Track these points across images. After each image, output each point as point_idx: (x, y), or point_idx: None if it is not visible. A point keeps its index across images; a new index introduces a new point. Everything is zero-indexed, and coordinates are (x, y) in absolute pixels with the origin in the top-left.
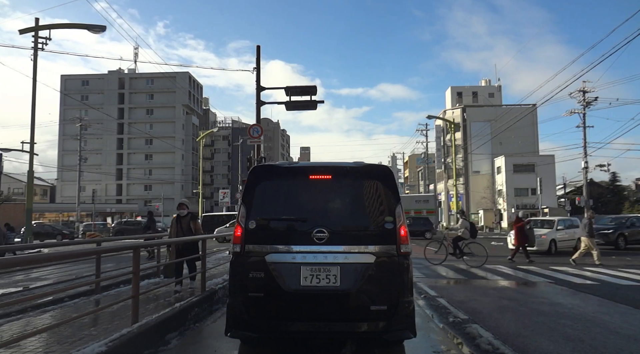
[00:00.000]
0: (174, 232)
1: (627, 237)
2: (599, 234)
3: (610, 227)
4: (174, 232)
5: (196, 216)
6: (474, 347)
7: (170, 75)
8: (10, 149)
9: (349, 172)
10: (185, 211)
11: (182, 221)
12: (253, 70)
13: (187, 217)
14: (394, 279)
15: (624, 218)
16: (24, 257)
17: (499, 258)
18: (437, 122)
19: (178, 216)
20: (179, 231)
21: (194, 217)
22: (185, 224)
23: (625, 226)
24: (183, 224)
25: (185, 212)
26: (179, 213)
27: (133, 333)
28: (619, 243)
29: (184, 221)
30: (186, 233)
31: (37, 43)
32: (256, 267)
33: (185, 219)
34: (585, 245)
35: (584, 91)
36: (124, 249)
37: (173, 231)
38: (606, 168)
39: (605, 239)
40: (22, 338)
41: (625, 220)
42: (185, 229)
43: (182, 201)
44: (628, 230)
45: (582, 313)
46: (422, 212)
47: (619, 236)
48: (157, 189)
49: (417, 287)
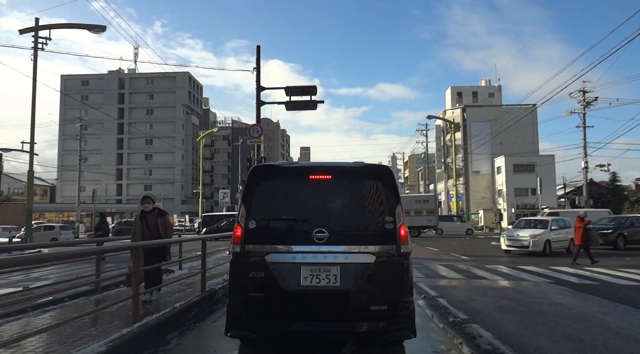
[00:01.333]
0: (138, 231)
1: (627, 237)
2: (598, 234)
3: (609, 228)
4: (138, 232)
5: (164, 212)
6: (474, 347)
7: (170, 76)
8: (10, 149)
9: (349, 172)
10: (150, 205)
11: (148, 218)
12: (253, 70)
13: (153, 213)
14: (394, 279)
15: (623, 218)
16: (24, 257)
17: (498, 258)
18: (437, 122)
19: (142, 211)
20: (144, 229)
21: (162, 213)
22: (151, 221)
23: (625, 226)
24: (149, 221)
25: (150, 207)
26: (143, 208)
27: (133, 333)
28: (619, 243)
29: (150, 217)
30: (153, 232)
31: (37, 43)
32: (256, 267)
33: (151, 215)
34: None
35: (584, 91)
36: (124, 249)
37: (137, 230)
38: (606, 168)
39: (605, 239)
40: (22, 338)
41: (624, 220)
42: (152, 227)
43: (147, 193)
44: (627, 230)
45: (582, 313)
46: (422, 212)
47: (618, 236)
48: (157, 189)
49: (417, 287)
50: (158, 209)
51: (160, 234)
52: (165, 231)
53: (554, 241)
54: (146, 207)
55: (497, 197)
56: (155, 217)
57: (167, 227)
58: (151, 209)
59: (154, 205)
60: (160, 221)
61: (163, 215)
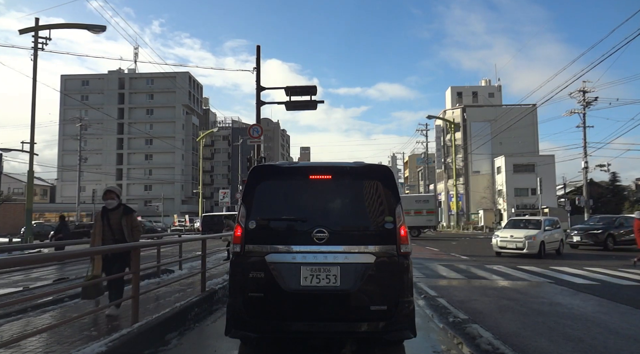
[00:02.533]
0: (98, 232)
1: (616, 237)
2: (588, 235)
3: (599, 228)
4: (98, 232)
5: (131, 210)
6: (474, 347)
7: (171, 76)
8: (10, 149)
9: (349, 172)
10: (115, 201)
11: (111, 216)
12: (253, 70)
13: (117, 211)
14: (394, 279)
15: (612, 218)
16: (24, 257)
17: (498, 258)
18: (437, 122)
19: (104, 208)
20: (105, 229)
21: (129, 210)
22: (114, 219)
23: (614, 226)
24: (112, 220)
25: (115, 203)
26: (105, 204)
27: (133, 333)
28: (608, 244)
29: (114, 215)
30: (116, 234)
31: (37, 43)
32: (256, 267)
33: (115, 213)
34: None
35: (584, 91)
36: (123, 249)
37: (97, 231)
38: (606, 168)
39: (595, 240)
40: (22, 338)
41: (614, 220)
42: (115, 228)
43: (110, 187)
44: (616, 230)
45: (582, 313)
46: (422, 212)
47: (608, 237)
48: (157, 189)
49: (417, 287)
50: (124, 206)
51: (124, 236)
52: (131, 233)
53: (547, 242)
54: (109, 203)
55: (497, 197)
56: (119, 215)
57: (133, 227)
58: (115, 206)
59: (118, 201)
60: (126, 220)
61: (129, 213)
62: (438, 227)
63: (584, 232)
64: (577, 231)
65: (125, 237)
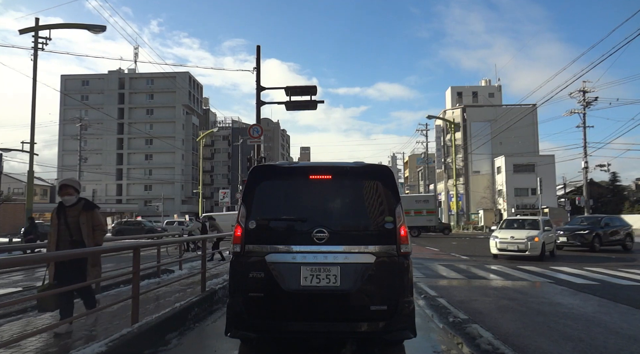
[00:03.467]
0: (53, 232)
1: (602, 238)
2: (574, 235)
3: (585, 228)
4: (53, 233)
5: (93, 205)
6: (474, 347)
7: (171, 76)
8: (10, 149)
9: (349, 172)
10: (73, 197)
11: (69, 213)
12: (253, 70)
13: (76, 207)
14: (394, 279)
15: (597, 218)
16: (24, 257)
17: (498, 258)
18: (437, 122)
19: (61, 204)
20: (62, 229)
21: (89, 206)
22: (72, 217)
23: (600, 227)
24: (69, 217)
25: (73, 199)
26: (62, 201)
27: (133, 333)
28: (595, 245)
29: (72, 212)
30: (74, 233)
31: (37, 43)
32: (256, 267)
33: (73, 210)
34: None
35: (584, 90)
36: (124, 249)
37: (53, 231)
38: (606, 168)
39: (582, 240)
40: (22, 338)
41: (599, 220)
42: (72, 227)
43: (66, 180)
44: (602, 230)
45: (582, 313)
46: (422, 212)
47: (595, 237)
48: (157, 189)
49: (417, 287)
50: (85, 201)
51: (81, 235)
52: (91, 232)
53: (547, 243)
54: (66, 200)
55: (497, 197)
56: (78, 212)
57: (95, 226)
58: (74, 202)
59: (78, 196)
60: (86, 217)
61: (90, 209)
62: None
63: (570, 232)
64: (563, 231)
65: (84, 238)
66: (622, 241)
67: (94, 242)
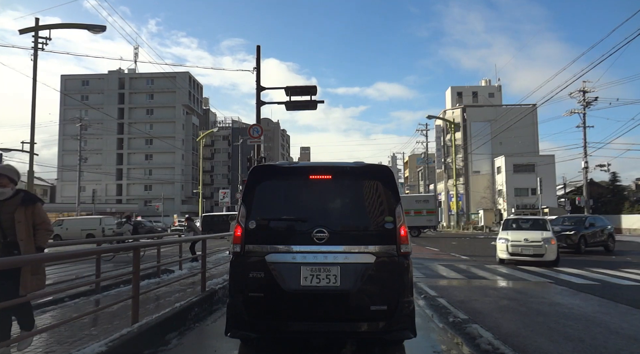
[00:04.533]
0: None
1: (587, 239)
2: (560, 236)
3: (570, 229)
4: None
5: (35, 199)
6: (474, 347)
7: (171, 75)
8: (10, 149)
9: (349, 172)
10: (8, 188)
11: (3, 209)
12: (253, 70)
13: (14, 201)
14: (394, 279)
15: (581, 218)
16: (24, 258)
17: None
18: (437, 122)
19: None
20: None
21: (31, 199)
22: (6, 214)
23: (584, 228)
24: (3, 214)
25: (8, 191)
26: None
27: (133, 333)
28: (581, 246)
29: (6, 208)
30: (8, 233)
31: (37, 43)
32: (256, 267)
33: (8, 204)
34: None
35: (584, 90)
36: (124, 249)
37: None
38: (606, 168)
39: (568, 242)
40: (22, 337)
41: (583, 220)
42: (6, 225)
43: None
44: (587, 231)
45: (583, 313)
46: (422, 212)
47: (580, 238)
48: (157, 189)
49: (417, 287)
50: (24, 193)
51: (16, 235)
52: (33, 231)
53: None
54: (0, 193)
55: (497, 197)
56: (14, 207)
57: (38, 224)
58: (10, 196)
59: (14, 187)
60: (25, 214)
61: (31, 204)
62: (438, 227)
63: (556, 234)
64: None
65: (19, 239)
66: (605, 242)
67: (38, 243)
